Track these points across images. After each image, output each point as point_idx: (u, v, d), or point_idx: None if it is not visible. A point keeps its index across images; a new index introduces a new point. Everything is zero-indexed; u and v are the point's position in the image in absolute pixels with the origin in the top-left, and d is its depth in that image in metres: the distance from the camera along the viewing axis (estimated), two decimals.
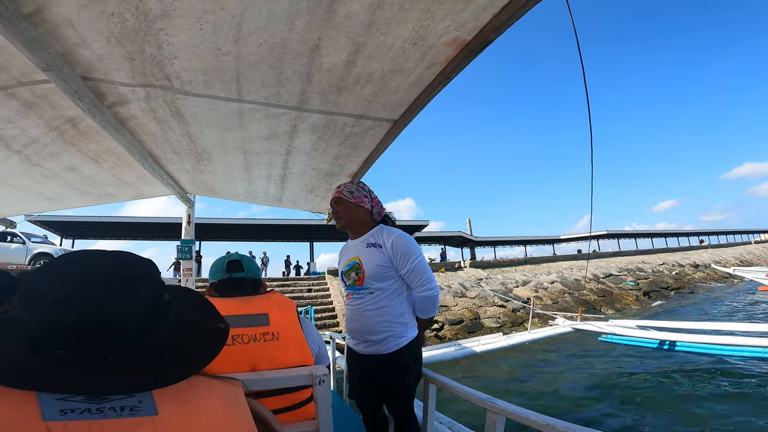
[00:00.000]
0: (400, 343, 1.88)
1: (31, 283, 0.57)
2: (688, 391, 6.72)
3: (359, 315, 1.94)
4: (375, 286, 1.91)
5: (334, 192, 2.08)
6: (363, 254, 1.95)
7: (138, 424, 0.52)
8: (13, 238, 14.09)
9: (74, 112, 2.11)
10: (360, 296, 1.95)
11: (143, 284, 0.62)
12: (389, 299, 1.90)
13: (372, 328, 1.89)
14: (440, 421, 3.01)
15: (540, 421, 1.32)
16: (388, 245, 1.91)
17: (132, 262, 0.64)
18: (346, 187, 2.05)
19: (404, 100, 1.98)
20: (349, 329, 2.04)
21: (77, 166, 2.88)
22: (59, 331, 0.54)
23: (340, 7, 1.34)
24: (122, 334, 0.57)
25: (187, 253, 4.57)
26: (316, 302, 15.22)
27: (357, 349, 2.01)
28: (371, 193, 2.09)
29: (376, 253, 1.92)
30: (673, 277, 25.79)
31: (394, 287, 1.92)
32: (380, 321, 1.88)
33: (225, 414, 0.61)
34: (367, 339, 1.92)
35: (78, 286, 0.56)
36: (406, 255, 1.88)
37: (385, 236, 1.95)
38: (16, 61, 1.62)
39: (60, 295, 0.54)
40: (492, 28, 1.41)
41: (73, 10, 1.32)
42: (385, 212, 2.14)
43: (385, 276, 1.90)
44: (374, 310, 1.90)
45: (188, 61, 1.64)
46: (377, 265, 1.89)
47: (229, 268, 1.58)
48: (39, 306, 0.54)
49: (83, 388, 0.52)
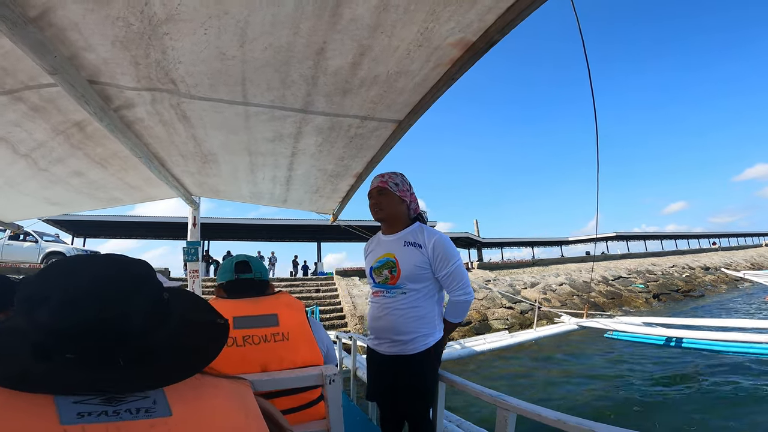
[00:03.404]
0: (428, 343, 1.83)
1: (32, 288, 0.57)
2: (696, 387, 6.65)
3: (388, 314, 1.87)
4: (409, 287, 1.85)
5: (377, 181, 1.99)
6: (399, 252, 1.88)
7: (153, 425, 0.52)
8: (25, 237, 14.32)
9: (81, 115, 2.12)
10: (391, 295, 1.88)
11: (142, 284, 0.63)
12: (421, 301, 1.85)
13: (401, 328, 1.83)
14: (449, 419, 3.00)
15: (551, 417, 1.31)
16: (429, 246, 1.84)
17: (129, 263, 0.65)
18: (391, 178, 1.97)
19: (409, 101, 1.97)
20: (373, 327, 1.97)
21: (83, 171, 2.90)
22: (64, 334, 0.54)
23: (346, 11, 1.33)
24: (127, 334, 0.57)
25: (194, 254, 4.59)
26: (324, 302, 15.24)
27: (379, 350, 1.94)
28: (411, 188, 2.02)
29: (414, 253, 1.85)
30: (683, 279, 25.48)
31: (428, 289, 1.87)
32: (410, 321, 1.83)
33: (236, 413, 0.62)
34: (393, 339, 1.85)
35: (79, 288, 0.56)
36: (447, 258, 1.83)
37: (426, 236, 1.88)
38: (23, 64, 1.63)
39: (62, 298, 0.55)
40: (497, 29, 1.39)
41: (78, 13, 1.32)
42: (420, 210, 2.06)
43: (422, 277, 1.84)
44: (405, 310, 1.84)
45: (193, 65, 1.64)
46: (415, 266, 1.83)
47: (238, 269, 1.60)
48: (42, 310, 0.54)
49: (95, 387, 0.53)
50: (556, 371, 8.76)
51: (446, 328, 1.94)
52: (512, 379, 8.44)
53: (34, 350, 0.54)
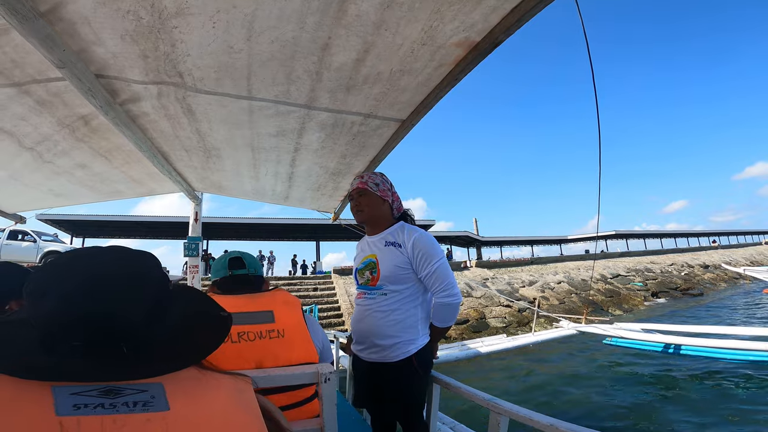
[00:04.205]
0: (409, 350, 1.75)
1: (38, 280, 0.58)
2: (693, 394, 6.67)
3: (368, 316, 1.82)
4: (389, 288, 1.78)
5: (356, 182, 1.93)
6: (380, 253, 1.83)
7: (150, 419, 0.52)
8: (24, 237, 14.33)
9: (86, 109, 2.14)
10: (372, 297, 1.83)
11: (147, 276, 0.63)
12: (402, 303, 1.77)
13: (380, 332, 1.77)
14: (443, 421, 3.00)
15: (544, 422, 1.29)
16: (408, 245, 1.78)
17: (134, 255, 0.65)
18: (371, 178, 1.91)
19: (412, 100, 1.98)
20: (355, 330, 1.93)
21: (88, 163, 2.92)
22: (68, 325, 0.55)
23: (351, 7, 1.34)
24: (130, 326, 0.58)
25: (194, 250, 4.60)
26: (321, 301, 15.26)
27: (362, 356, 1.88)
28: (393, 187, 1.97)
29: (394, 253, 1.79)
30: (682, 277, 25.55)
31: (410, 291, 1.79)
32: (390, 325, 1.75)
33: (235, 410, 0.61)
34: (374, 343, 1.79)
35: (83, 280, 0.57)
36: (428, 256, 1.75)
37: (405, 235, 1.82)
38: (32, 58, 1.64)
39: (67, 289, 0.56)
40: (501, 30, 1.40)
41: (89, 7, 1.34)
42: (404, 209, 2.00)
43: (402, 278, 1.77)
44: (385, 313, 1.77)
45: (200, 58, 1.65)
46: (395, 266, 1.77)
47: (231, 265, 1.58)
48: (47, 302, 0.56)
49: (97, 377, 0.53)
50: (554, 374, 8.77)
51: (433, 334, 1.85)
52: (509, 384, 8.45)
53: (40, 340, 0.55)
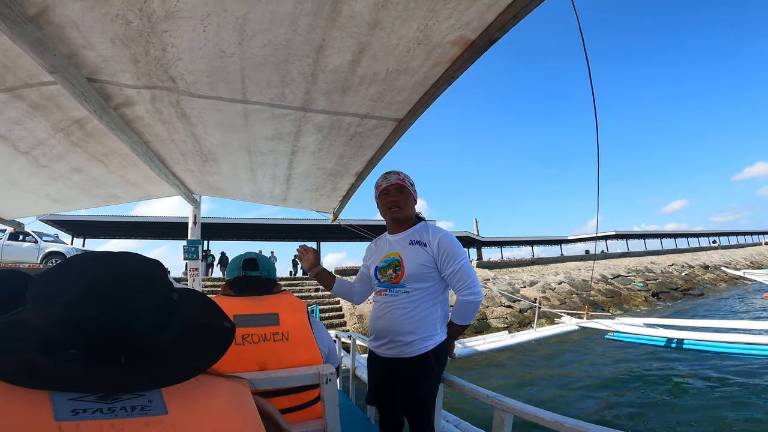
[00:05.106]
0: (427, 346, 1.79)
1: (43, 285, 0.58)
2: (695, 389, 6.65)
3: (389, 312, 1.84)
4: (412, 286, 1.82)
5: (392, 178, 1.94)
6: (405, 251, 1.86)
7: (148, 423, 0.52)
8: (25, 237, 14.34)
9: (81, 113, 2.12)
10: (393, 294, 1.85)
11: (151, 284, 0.63)
12: (423, 300, 1.82)
13: (400, 328, 1.80)
14: (447, 419, 3.00)
15: (548, 418, 1.30)
16: (434, 244, 1.81)
17: (140, 262, 0.65)
18: (407, 176, 1.94)
19: (409, 100, 1.97)
20: (373, 327, 1.94)
21: (84, 168, 2.90)
22: (70, 330, 0.54)
23: (345, 8, 1.32)
24: (132, 334, 0.58)
25: (194, 253, 4.58)
26: (323, 302, 15.24)
27: (379, 352, 1.91)
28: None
29: (419, 252, 1.83)
30: (683, 278, 25.48)
31: (432, 289, 1.83)
32: (411, 321, 1.79)
33: (233, 412, 0.62)
34: (393, 339, 1.82)
35: (88, 286, 0.57)
36: (452, 256, 1.79)
37: (430, 234, 1.85)
38: (23, 62, 1.63)
39: (71, 295, 0.55)
40: (497, 27, 1.39)
41: (77, 11, 1.32)
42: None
43: (426, 276, 1.81)
44: (406, 310, 1.81)
45: (192, 63, 1.63)
46: (419, 264, 1.80)
47: (245, 266, 1.60)
48: (51, 307, 0.55)
49: (94, 386, 0.53)
50: (557, 370, 8.76)
51: (451, 331, 1.89)
52: (511, 379, 8.44)
53: (40, 345, 0.55)
